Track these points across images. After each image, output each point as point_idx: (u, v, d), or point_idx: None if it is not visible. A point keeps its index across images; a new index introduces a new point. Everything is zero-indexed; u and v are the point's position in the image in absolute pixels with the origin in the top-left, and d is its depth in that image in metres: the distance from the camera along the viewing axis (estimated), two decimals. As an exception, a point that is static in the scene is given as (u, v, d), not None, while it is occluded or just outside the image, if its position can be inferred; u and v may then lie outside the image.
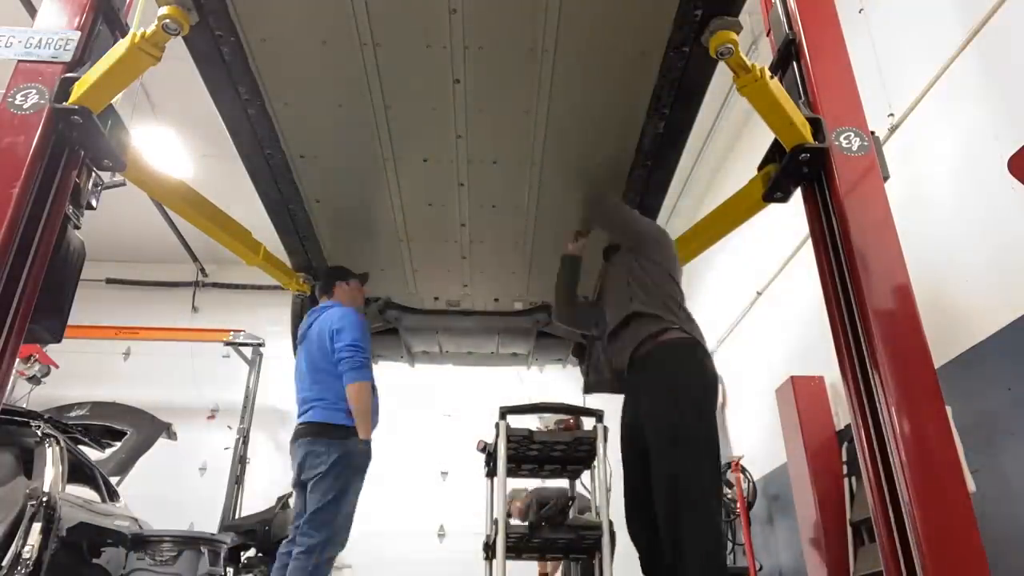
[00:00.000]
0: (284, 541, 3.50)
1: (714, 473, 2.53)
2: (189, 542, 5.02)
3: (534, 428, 4.45)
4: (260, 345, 8.68)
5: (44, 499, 3.62)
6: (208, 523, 6.94)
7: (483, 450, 4.78)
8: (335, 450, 3.34)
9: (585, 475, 4.69)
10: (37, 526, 3.52)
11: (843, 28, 2.44)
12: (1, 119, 2.04)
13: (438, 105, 2.86)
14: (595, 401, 4.72)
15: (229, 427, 8.58)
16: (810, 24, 2.42)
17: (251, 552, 6.57)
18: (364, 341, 3.53)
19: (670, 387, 2.58)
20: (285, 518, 6.61)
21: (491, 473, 4.58)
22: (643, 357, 2.70)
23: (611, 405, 5.83)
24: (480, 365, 5.07)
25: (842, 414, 4.79)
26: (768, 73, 2.20)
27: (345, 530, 3.40)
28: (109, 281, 9.70)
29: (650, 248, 2.93)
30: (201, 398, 9.21)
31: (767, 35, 2.67)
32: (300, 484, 3.46)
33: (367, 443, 3.44)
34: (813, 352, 5.08)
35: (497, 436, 4.18)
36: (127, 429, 5.80)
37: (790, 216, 3.00)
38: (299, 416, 3.56)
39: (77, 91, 2.09)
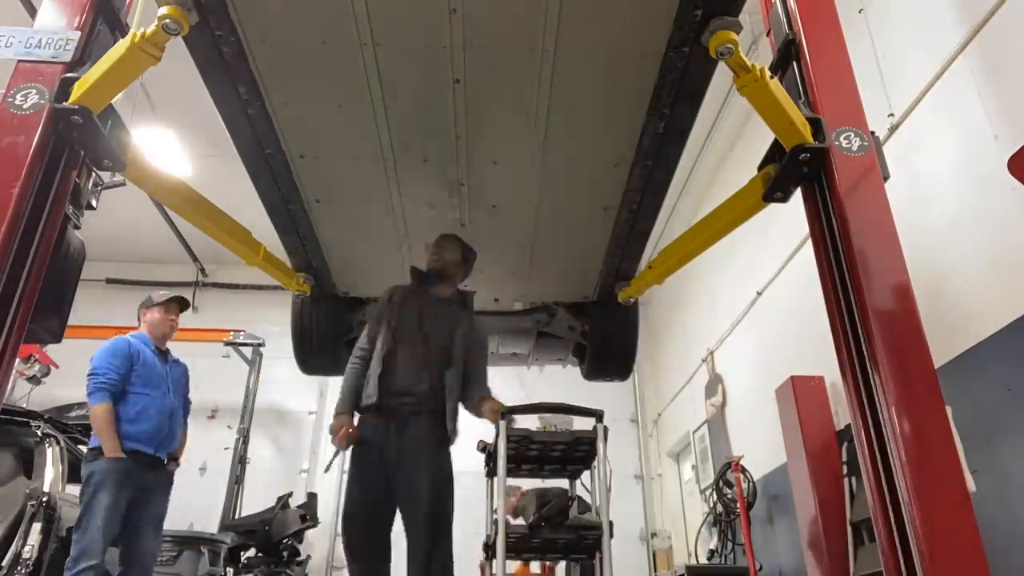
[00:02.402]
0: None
1: None
2: (189, 542, 5.03)
3: (534, 428, 4.45)
4: (260, 345, 8.68)
5: (44, 499, 3.62)
6: (208, 523, 6.94)
7: (483, 450, 4.78)
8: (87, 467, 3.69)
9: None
10: (37, 526, 3.53)
11: (843, 28, 2.44)
12: (1, 119, 2.04)
13: (438, 105, 2.86)
14: (595, 401, 4.72)
15: (229, 427, 8.59)
16: (810, 24, 2.42)
17: (251, 552, 6.57)
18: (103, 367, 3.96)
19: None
20: (285, 518, 6.62)
21: (491, 473, 4.58)
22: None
23: (611, 405, 5.83)
24: (480, 365, 5.07)
25: (842, 414, 4.79)
26: (768, 73, 2.20)
27: (96, 541, 3.49)
28: (109, 281, 9.70)
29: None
30: (201, 398, 9.20)
31: (767, 35, 2.67)
32: None
33: (110, 459, 3.67)
34: (813, 352, 5.08)
35: (497, 436, 4.17)
36: (127, 429, 5.79)
37: (790, 216, 3.00)
38: None
39: (77, 91, 2.09)
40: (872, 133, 2.27)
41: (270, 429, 9.23)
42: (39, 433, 4.05)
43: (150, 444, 3.86)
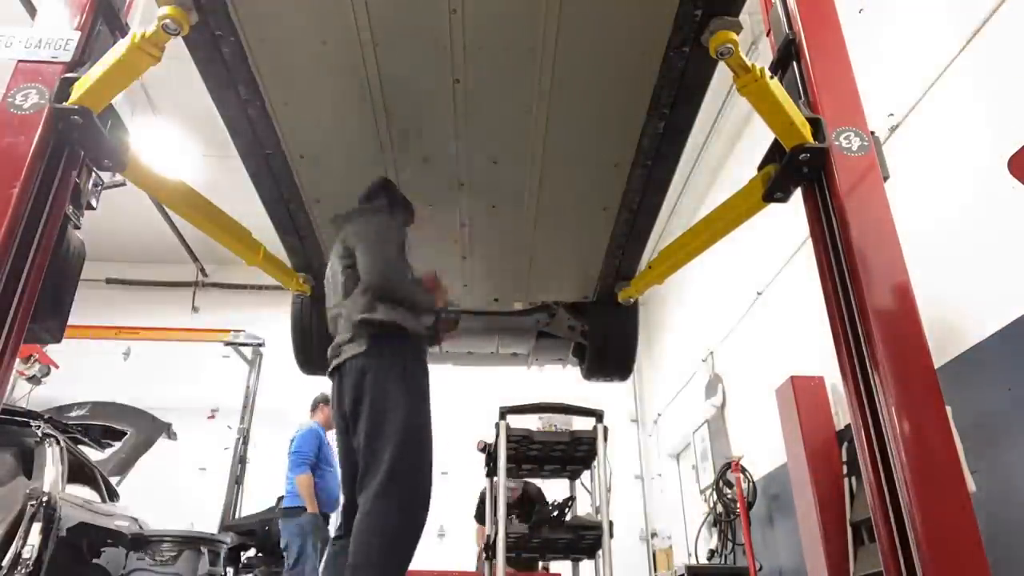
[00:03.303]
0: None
1: None
2: (189, 542, 5.02)
3: (534, 428, 4.46)
4: (260, 345, 8.68)
5: (44, 499, 3.62)
6: (208, 523, 6.94)
7: (483, 450, 4.79)
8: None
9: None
10: (37, 526, 3.53)
11: (843, 28, 2.44)
12: (1, 119, 2.04)
13: (438, 105, 2.86)
14: (595, 401, 4.73)
15: (229, 427, 8.58)
16: (810, 24, 2.41)
17: (251, 552, 6.57)
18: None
19: None
20: (285, 518, 6.61)
21: (491, 473, 4.59)
22: None
23: (611, 405, 5.83)
24: (480, 365, 5.07)
25: (842, 414, 4.79)
26: (768, 73, 2.20)
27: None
28: (109, 281, 9.70)
29: None
30: (201, 398, 9.21)
31: (767, 35, 2.67)
32: None
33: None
34: (813, 352, 5.08)
35: (497, 436, 4.18)
36: (127, 429, 5.81)
37: (790, 216, 3.00)
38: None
39: (77, 91, 2.09)
40: (872, 133, 2.27)
41: (270, 429, 9.22)
42: (39, 433, 4.05)
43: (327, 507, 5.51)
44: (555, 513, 4.11)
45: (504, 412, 4.17)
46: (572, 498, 4.56)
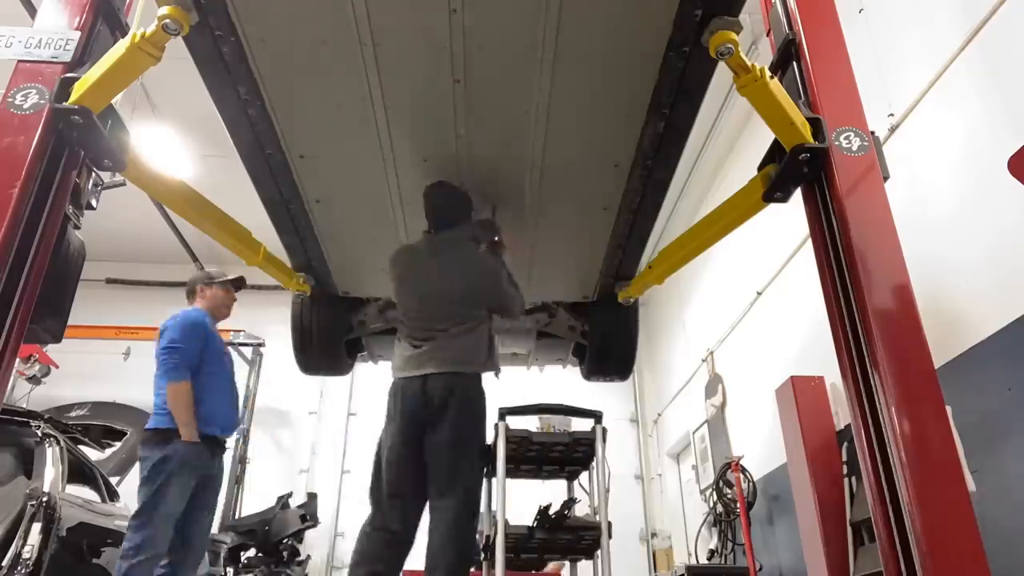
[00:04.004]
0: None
1: None
2: (189, 542, 5.01)
3: (533, 429, 4.45)
4: (260, 345, 8.70)
5: (44, 499, 3.62)
6: (208, 523, 6.93)
7: (483, 450, 4.77)
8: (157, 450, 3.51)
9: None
10: (37, 526, 3.52)
11: (843, 28, 2.44)
12: (1, 119, 2.05)
13: (438, 105, 2.86)
14: (594, 402, 4.72)
15: (229, 427, 8.57)
16: (810, 24, 2.42)
17: (251, 552, 6.58)
18: (183, 341, 3.72)
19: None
20: (285, 518, 6.63)
21: (490, 474, 4.58)
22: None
23: (611, 405, 5.81)
24: (480, 365, 5.06)
25: (842, 414, 4.79)
26: (768, 73, 2.20)
27: (164, 531, 3.42)
28: (109, 281, 9.71)
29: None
30: (201, 398, 9.20)
31: (767, 35, 2.68)
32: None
33: (187, 444, 3.54)
34: (813, 352, 5.08)
35: (496, 437, 4.17)
36: (127, 429, 5.81)
37: (790, 216, 3.00)
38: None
39: (77, 91, 2.09)
40: (872, 133, 2.28)
41: (270, 429, 9.23)
42: (39, 433, 4.05)
43: (219, 426, 3.77)
44: (555, 515, 4.11)
45: (503, 413, 4.16)
46: (573, 499, 4.56)
